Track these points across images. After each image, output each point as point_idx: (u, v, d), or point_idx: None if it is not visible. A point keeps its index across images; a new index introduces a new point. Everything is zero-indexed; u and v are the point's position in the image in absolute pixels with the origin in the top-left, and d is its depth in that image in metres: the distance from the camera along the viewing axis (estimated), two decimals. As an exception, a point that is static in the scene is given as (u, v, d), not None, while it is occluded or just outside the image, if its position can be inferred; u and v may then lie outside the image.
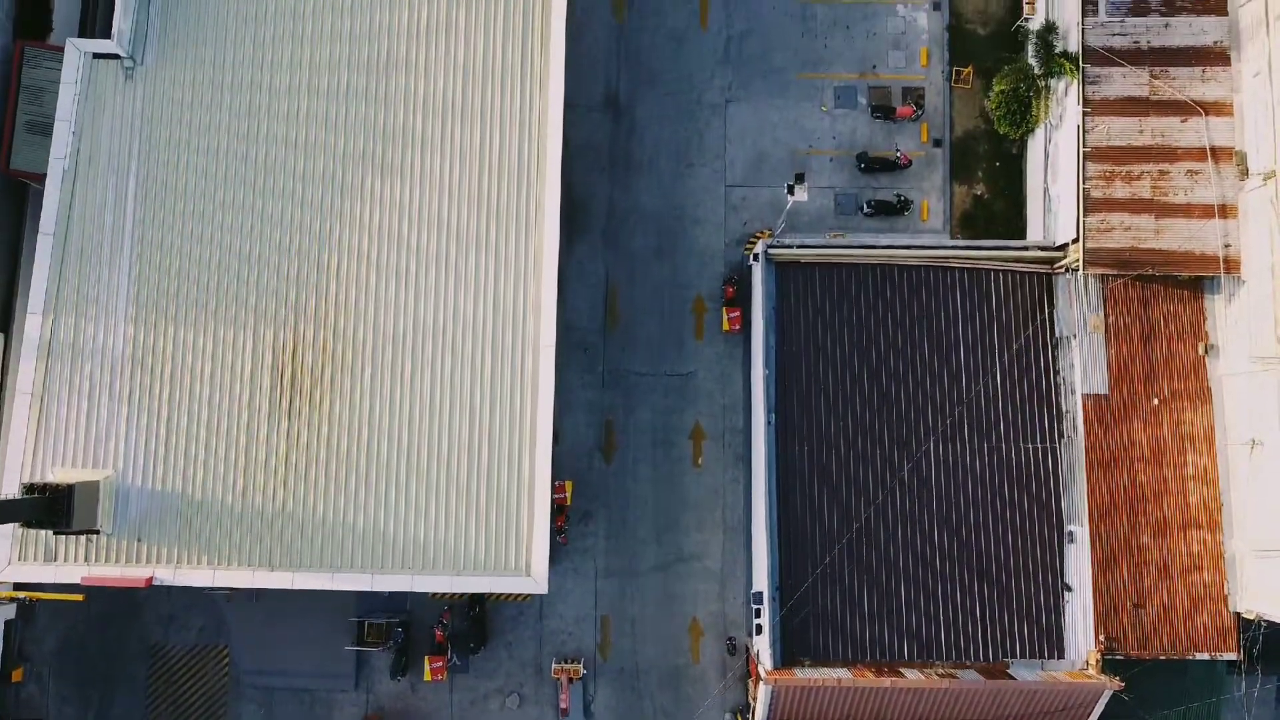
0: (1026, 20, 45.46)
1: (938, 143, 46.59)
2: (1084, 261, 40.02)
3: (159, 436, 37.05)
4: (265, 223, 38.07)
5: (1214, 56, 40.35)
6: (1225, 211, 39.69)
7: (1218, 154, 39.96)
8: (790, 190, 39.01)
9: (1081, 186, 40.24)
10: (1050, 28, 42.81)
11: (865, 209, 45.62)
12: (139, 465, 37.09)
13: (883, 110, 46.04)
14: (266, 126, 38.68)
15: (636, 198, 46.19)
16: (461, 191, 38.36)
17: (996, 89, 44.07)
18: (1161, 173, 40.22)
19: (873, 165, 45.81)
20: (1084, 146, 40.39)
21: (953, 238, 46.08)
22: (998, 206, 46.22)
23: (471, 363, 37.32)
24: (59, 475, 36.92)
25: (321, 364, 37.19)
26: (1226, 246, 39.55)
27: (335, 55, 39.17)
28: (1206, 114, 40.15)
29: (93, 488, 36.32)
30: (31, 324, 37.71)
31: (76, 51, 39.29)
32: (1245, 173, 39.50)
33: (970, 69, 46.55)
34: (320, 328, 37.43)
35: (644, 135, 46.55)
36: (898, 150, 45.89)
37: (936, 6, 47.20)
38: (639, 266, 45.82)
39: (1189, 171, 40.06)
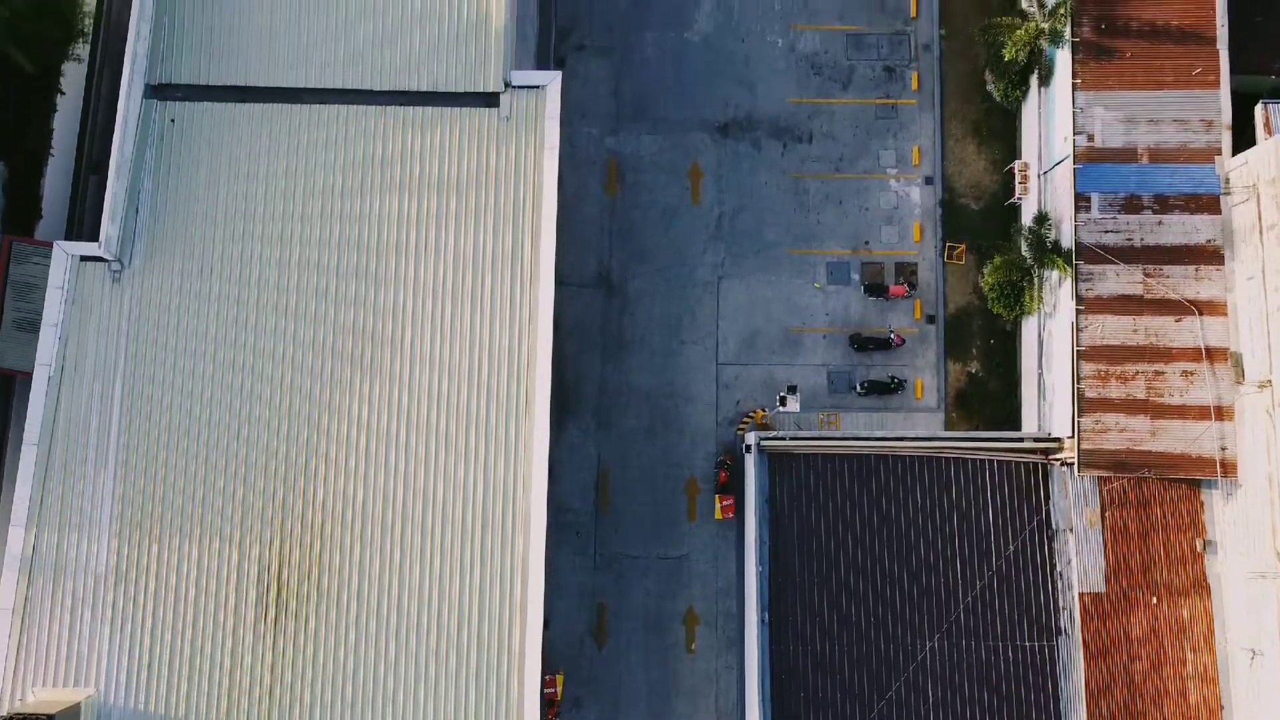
0: (1019, 199, 45.37)
1: (931, 319, 46.34)
2: (1080, 464, 39.65)
3: (142, 655, 36.47)
4: (251, 436, 37.75)
5: (1207, 255, 40.19)
6: (1221, 414, 39.34)
7: (1213, 354, 39.69)
8: (782, 401, 38.82)
9: (1076, 386, 39.96)
10: (1043, 218, 42.65)
11: (859, 389, 45.30)
12: (122, 684, 36.48)
13: (875, 289, 45.82)
14: (253, 339, 38.44)
15: (628, 376, 45.88)
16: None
17: (989, 280, 43.85)
18: (1157, 373, 39.93)
19: (866, 345, 45.55)
20: (1078, 345, 40.14)
21: (947, 416, 45.72)
22: (992, 385, 45.89)
23: (455, 598, 37.14)
24: (40, 695, 36.30)
25: (306, 589, 36.72)
26: (1223, 450, 39.17)
27: (320, 283, 39.01)
28: (1201, 313, 39.92)
29: (74, 711, 35.68)
30: (14, 538, 37.22)
31: (64, 255, 39.07)
32: (1242, 374, 39.21)
33: (964, 246, 46.38)
34: (304, 544, 37.01)
35: (636, 312, 46.33)
36: (891, 330, 45.66)
37: (929, 181, 47.12)
38: (630, 446, 45.42)
39: (1184, 372, 39.78)
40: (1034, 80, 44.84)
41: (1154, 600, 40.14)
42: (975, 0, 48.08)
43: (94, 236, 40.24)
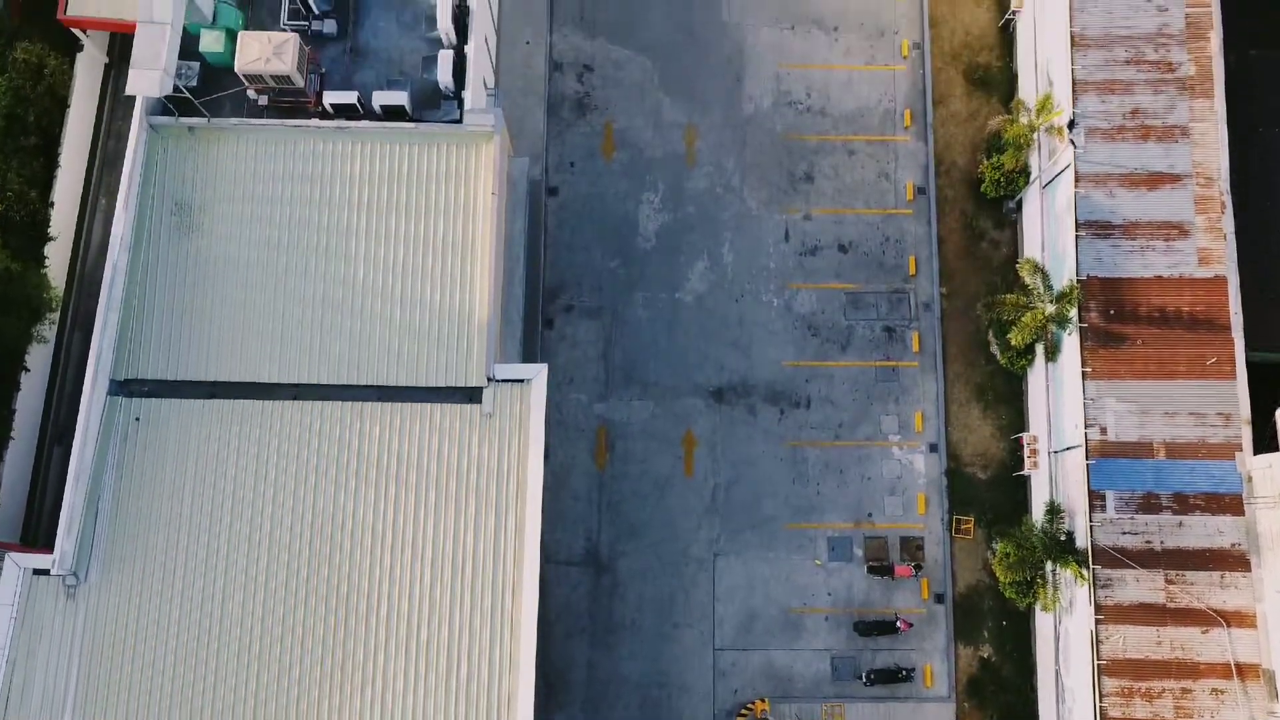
0: (1029, 473, 43.19)
1: (939, 598, 43.76)
2: (1106, 794, 36.77)
3: None
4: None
5: (1232, 561, 37.80)
6: (1256, 737, 36.59)
7: (1243, 671, 37.03)
8: (783, 735, 36.03)
9: (1098, 705, 37.20)
10: (1055, 509, 40.35)
11: (865, 680, 42.43)
12: None
13: (880, 570, 43.33)
14: (216, 664, 35.75)
15: (618, 663, 43.10)
16: None
17: (1000, 572, 41.38)
18: (1184, 690, 37.23)
19: (870, 630, 42.88)
20: (1098, 658, 37.49)
21: (959, 706, 42.81)
22: (1006, 671, 43.06)
23: None
24: None
25: None
26: (1260, 779, 36.33)
27: (292, 584, 36.58)
28: (1229, 625, 37.36)
29: None
30: None
31: (16, 569, 36.65)
32: (1275, 693, 36.49)
33: (972, 520, 44.04)
34: None
35: (626, 593, 43.75)
36: (897, 617, 43.01)
37: (933, 449, 44.98)
38: (621, 742, 42.52)
39: (1214, 690, 37.08)
40: (1040, 350, 43.08)
41: None
42: (976, 258, 46.63)
43: (54, 525, 37.85)
